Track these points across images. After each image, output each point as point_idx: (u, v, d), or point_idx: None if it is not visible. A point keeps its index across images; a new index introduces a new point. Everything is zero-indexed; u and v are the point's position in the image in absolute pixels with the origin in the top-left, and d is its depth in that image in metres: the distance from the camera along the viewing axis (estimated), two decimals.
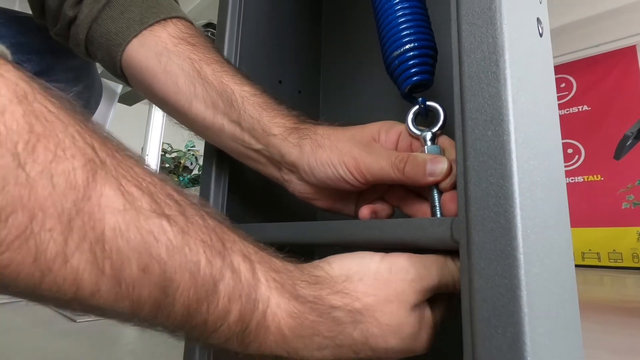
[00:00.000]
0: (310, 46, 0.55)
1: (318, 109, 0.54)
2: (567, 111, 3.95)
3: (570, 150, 3.90)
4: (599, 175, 3.70)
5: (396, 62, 0.29)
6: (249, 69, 0.45)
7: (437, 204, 0.26)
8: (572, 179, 3.85)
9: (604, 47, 3.67)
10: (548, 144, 0.26)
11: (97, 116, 0.50)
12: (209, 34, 1.32)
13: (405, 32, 0.28)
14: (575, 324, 0.27)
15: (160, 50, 0.31)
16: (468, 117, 0.20)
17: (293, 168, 0.30)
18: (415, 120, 0.29)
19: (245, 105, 0.30)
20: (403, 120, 0.31)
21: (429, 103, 0.29)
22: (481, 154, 0.19)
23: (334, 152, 0.28)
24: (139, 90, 0.34)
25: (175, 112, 0.32)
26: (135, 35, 0.31)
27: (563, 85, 4.01)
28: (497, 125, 0.19)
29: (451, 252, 0.23)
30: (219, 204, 0.40)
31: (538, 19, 0.30)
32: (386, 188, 0.31)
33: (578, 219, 3.70)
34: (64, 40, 0.35)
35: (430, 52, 0.29)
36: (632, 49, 3.59)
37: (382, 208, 0.30)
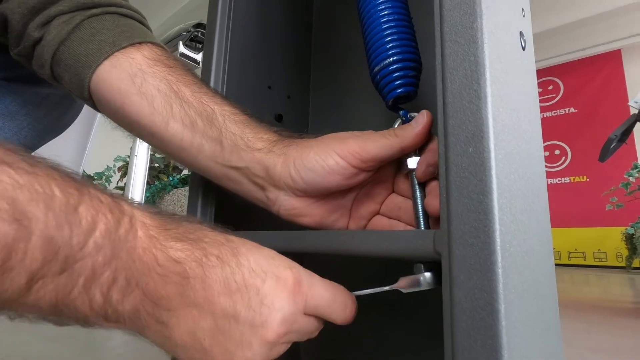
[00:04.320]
0: (300, 51, 0.55)
1: (307, 114, 0.55)
2: (554, 113, 4.02)
3: (557, 152, 3.97)
4: (584, 177, 3.78)
5: (380, 75, 0.29)
6: (238, 75, 0.45)
7: (420, 215, 0.26)
8: (558, 180, 3.92)
9: (590, 51, 3.74)
10: (529, 156, 0.27)
11: (83, 119, 0.49)
12: (199, 34, 1.31)
13: (389, 46, 0.29)
14: (555, 330, 0.27)
15: (135, 71, 0.31)
16: (450, 134, 0.21)
17: (279, 182, 0.29)
18: None
19: (227, 123, 0.30)
20: (391, 126, 0.32)
21: (411, 114, 0.29)
22: (462, 170, 0.20)
23: (320, 147, 0.28)
24: (108, 114, 0.33)
25: (149, 134, 0.31)
26: (107, 57, 0.31)
27: (550, 87, 4.08)
28: (478, 142, 0.20)
29: None
30: (207, 211, 0.40)
31: (521, 33, 0.31)
32: (383, 198, 0.31)
33: (564, 219, 3.77)
34: (26, 61, 0.33)
35: (414, 64, 0.29)
36: (617, 53, 3.67)
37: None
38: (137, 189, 1.58)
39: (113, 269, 0.19)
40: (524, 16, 0.33)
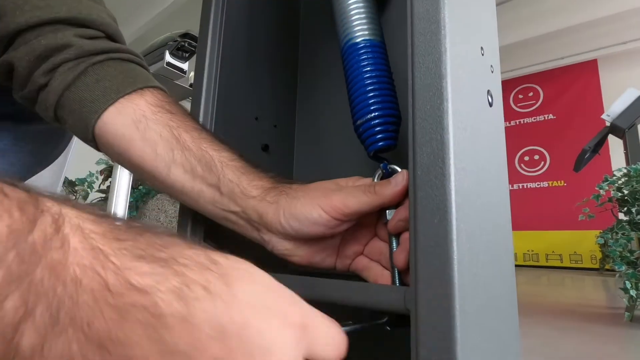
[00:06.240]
0: (287, 82, 0.57)
1: (293, 143, 0.57)
2: (534, 119, 4.14)
3: (536, 157, 4.09)
4: (562, 181, 3.91)
5: (362, 128, 0.32)
6: (226, 108, 0.47)
7: (394, 266, 0.29)
8: (537, 184, 4.04)
9: (568, 60, 3.87)
10: (495, 217, 0.29)
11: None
12: (186, 44, 1.31)
13: (371, 101, 0.31)
14: None
15: (139, 117, 0.32)
16: (419, 204, 0.23)
17: (271, 227, 0.31)
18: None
19: (224, 170, 0.32)
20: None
21: (391, 167, 0.31)
22: (428, 239, 0.22)
23: (307, 200, 0.30)
24: (112, 156, 0.34)
25: (152, 178, 0.33)
26: (112, 103, 0.32)
27: (531, 94, 4.20)
28: (442, 215, 0.22)
29: None
30: (197, 233, 0.42)
31: (488, 91, 0.34)
32: (367, 240, 0.34)
33: (542, 222, 3.89)
34: (30, 103, 0.34)
35: (394, 119, 0.32)
36: (594, 62, 3.81)
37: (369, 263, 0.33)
38: (121, 193, 1.57)
39: (22, 295, 0.12)
40: (492, 72, 0.36)
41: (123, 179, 1.53)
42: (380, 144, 0.31)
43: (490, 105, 0.34)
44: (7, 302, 0.12)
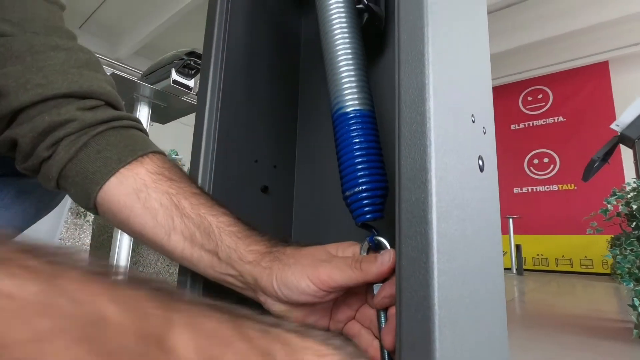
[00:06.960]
0: (287, 123, 0.58)
1: (293, 183, 0.57)
2: (543, 122, 4.09)
3: (546, 160, 4.04)
4: (572, 185, 3.85)
5: (350, 199, 0.32)
6: (227, 153, 0.48)
7: (382, 344, 0.30)
8: (547, 188, 3.99)
9: (579, 62, 3.81)
10: (488, 285, 0.30)
11: None
12: (192, 62, 1.33)
13: (359, 174, 0.32)
14: None
15: (139, 187, 0.33)
16: (404, 298, 0.24)
17: (265, 290, 0.32)
18: (368, 252, 0.33)
19: (222, 236, 0.33)
20: None
21: (377, 239, 0.32)
22: (412, 338, 0.23)
23: (297, 268, 0.31)
24: (113, 222, 0.35)
25: (153, 243, 0.34)
26: (114, 174, 0.33)
27: (540, 96, 4.15)
28: (425, 309, 0.23)
29: None
30: (196, 288, 0.43)
31: (480, 157, 0.34)
32: (358, 306, 0.35)
33: (552, 226, 3.84)
34: (33, 173, 0.35)
35: (382, 192, 0.32)
36: (605, 64, 3.74)
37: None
38: None
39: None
40: (484, 133, 0.36)
41: None
42: (368, 216, 0.32)
43: (482, 170, 0.34)
44: None
